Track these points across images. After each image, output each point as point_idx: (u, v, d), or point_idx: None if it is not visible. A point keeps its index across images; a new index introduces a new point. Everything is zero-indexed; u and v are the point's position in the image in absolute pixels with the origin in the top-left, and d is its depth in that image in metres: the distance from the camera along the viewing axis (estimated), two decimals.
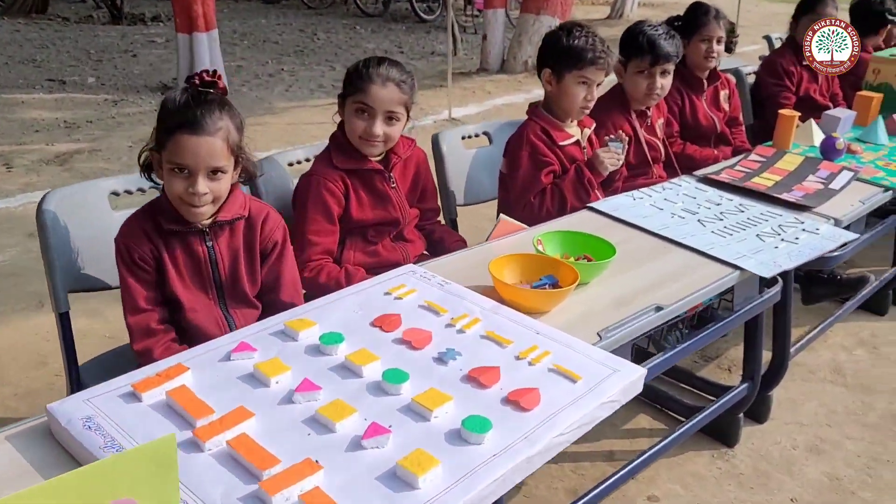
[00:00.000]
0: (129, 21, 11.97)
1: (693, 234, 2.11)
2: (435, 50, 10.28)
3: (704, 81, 3.32)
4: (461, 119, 6.67)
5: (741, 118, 3.50)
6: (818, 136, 3.02)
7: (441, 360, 1.35)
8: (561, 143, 2.43)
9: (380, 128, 2.08)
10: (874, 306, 3.47)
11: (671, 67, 2.75)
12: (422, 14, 12.53)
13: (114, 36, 10.70)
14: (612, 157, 2.39)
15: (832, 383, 2.95)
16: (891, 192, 2.60)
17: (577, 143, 2.50)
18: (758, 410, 2.68)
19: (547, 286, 1.67)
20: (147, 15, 12.43)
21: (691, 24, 3.30)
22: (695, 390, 2.85)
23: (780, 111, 2.94)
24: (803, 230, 2.19)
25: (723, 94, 3.41)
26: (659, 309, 1.73)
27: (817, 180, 2.61)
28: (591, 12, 14.35)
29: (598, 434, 2.57)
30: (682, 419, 2.63)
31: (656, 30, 2.73)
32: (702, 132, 3.34)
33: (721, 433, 2.56)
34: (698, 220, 2.23)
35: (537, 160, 2.38)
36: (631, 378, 1.35)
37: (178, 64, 7.54)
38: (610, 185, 2.55)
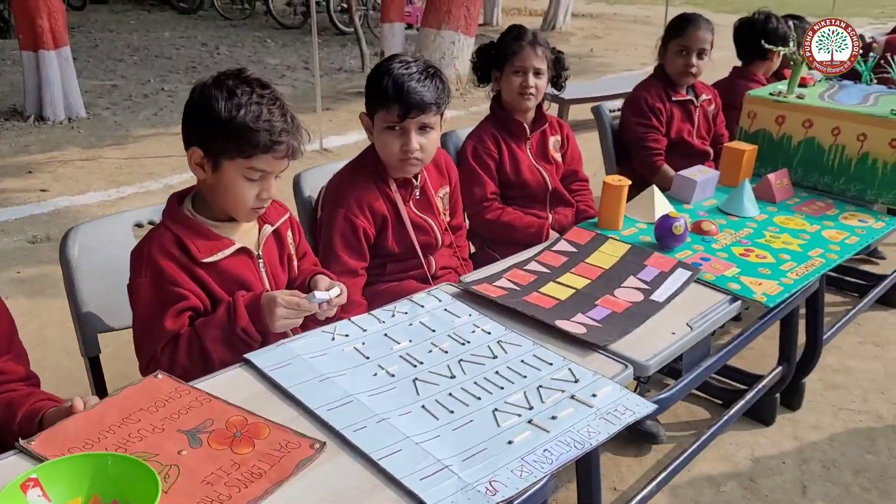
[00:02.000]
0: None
1: (383, 416, 1.30)
2: (343, 66, 9.48)
3: (526, 127, 2.55)
4: (334, 151, 5.85)
5: (582, 172, 2.72)
6: (663, 209, 2.24)
7: None
8: (207, 261, 1.59)
9: None
10: (759, 414, 2.71)
11: (433, 120, 1.95)
12: (341, 26, 11.71)
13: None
14: (292, 317, 1.54)
15: None
16: (739, 302, 1.82)
17: (244, 251, 1.66)
18: None
19: None
20: None
21: (502, 51, 2.53)
22: None
23: (606, 179, 2.15)
24: (572, 397, 1.39)
25: (552, 140, 2.63)
26: None
27: (638, 285, 1.83)
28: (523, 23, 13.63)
29: None
30: None
31: (408, 68, 1.93)
32: (530, 191, 2.57)
33: None
34: (415, 380, 1.42)
35: (164, 292, 1.54)
36: None
37: (25, 85, 6.64)
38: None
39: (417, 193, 2.07)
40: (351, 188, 1.99)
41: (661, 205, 2.25)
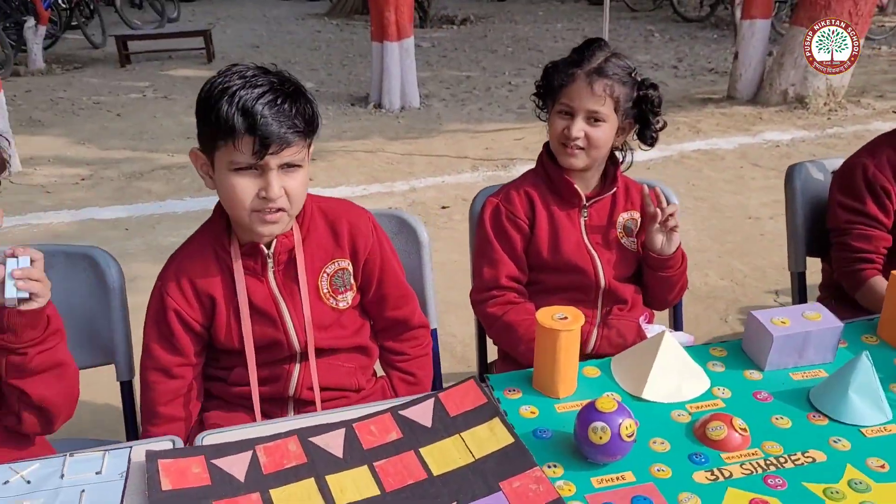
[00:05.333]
0: (435, 23, 11.90)
1: None
2: (718, 66, 8.32)
3: (580, 190, 1.73)
4: None
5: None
6: (679, 373, 1.28)
7: None
8: None
9: None
10: None
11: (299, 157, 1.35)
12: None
13: None
14: None
15: None
16: None
17: None
18: None
19: None
20: (458, 17, 12.28)
21: (548, 84, 1.73)
22: None
23: (538, 314, 1.27)
24: None
25: (624, 217, 1.77)
26: None
27: None
28: None
29: None
30: None
31: (255, 84, 1.33)
32: (572, 280, 1.75)
33: None
34: None
35: None
36: None
37: (371, 74, 7.07)
38: None
39: (272, 264, 1.47)
40: (183, 251, 1.49)
41: (677, 364, 1.29)
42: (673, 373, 1.28)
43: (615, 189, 1.76)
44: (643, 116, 1.73)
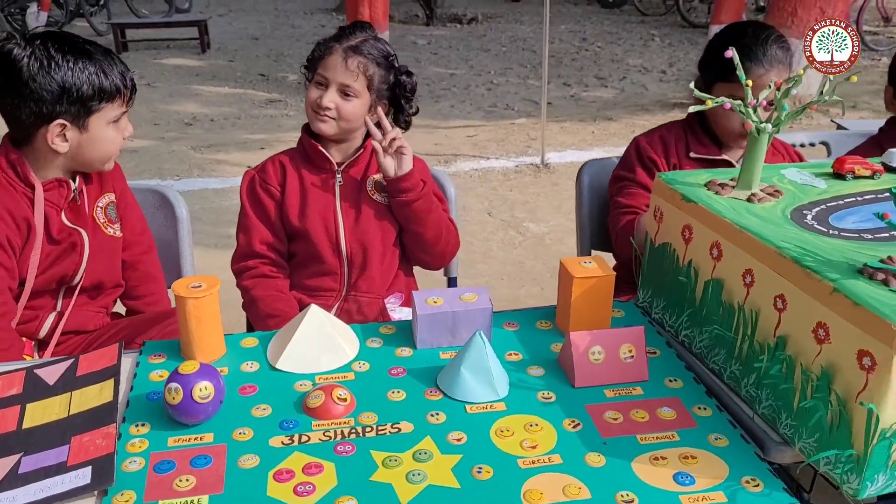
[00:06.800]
0: (442, 21, 11.93)
1: None
2: None
3: (330, 158, 1.82)
4: (554, 167, 5.05)
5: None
6: (324, 343, 1.30)
7: None
8: None
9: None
10: None
11: None
12: None
13: (395, 36, 10.74)
14: None
15: None
16: None
17: None
18: None
19: None
20: (466, 16, 12.31)
21: (310, 56, 1.82)
22: None
23: (175, 285, 1.29)
24: None
25: (376, 177, 1.84)
26: None
27: None
28: None
29: None
30: None
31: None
32: (317, 250, 1.80)
33: None
34: None
35: None
36: None
37: None
38: None
39: (78, 199, 1.64)
40: None
41: (322, 337, 1.31)
42: (314, 345, 1.30)
43: (362, 150, 1.80)
44: (397, 100, 1.79)
